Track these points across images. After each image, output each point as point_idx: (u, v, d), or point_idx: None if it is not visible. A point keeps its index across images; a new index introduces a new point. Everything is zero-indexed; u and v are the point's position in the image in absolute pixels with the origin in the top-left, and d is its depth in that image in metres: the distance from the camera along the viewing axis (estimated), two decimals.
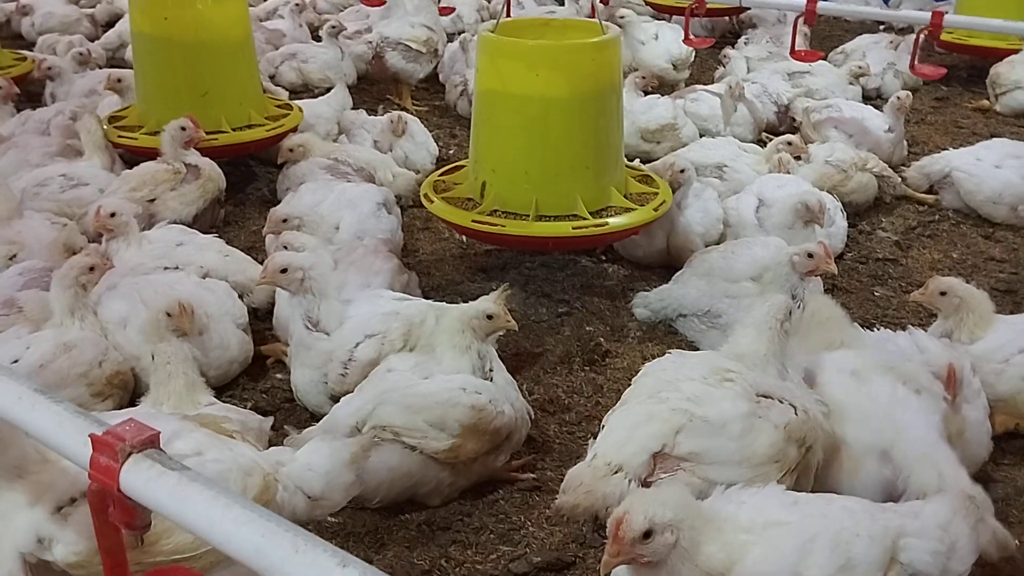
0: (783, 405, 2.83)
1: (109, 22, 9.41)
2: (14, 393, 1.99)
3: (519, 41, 4.43)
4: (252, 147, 5.88)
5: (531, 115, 4.37)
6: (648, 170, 5.02)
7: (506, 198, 4.48)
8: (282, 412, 3.75)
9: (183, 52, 5.56)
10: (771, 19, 9.19)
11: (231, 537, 1.62)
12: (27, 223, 4.56)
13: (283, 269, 3.58)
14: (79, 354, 3.49)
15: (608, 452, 2.77)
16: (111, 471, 1.75)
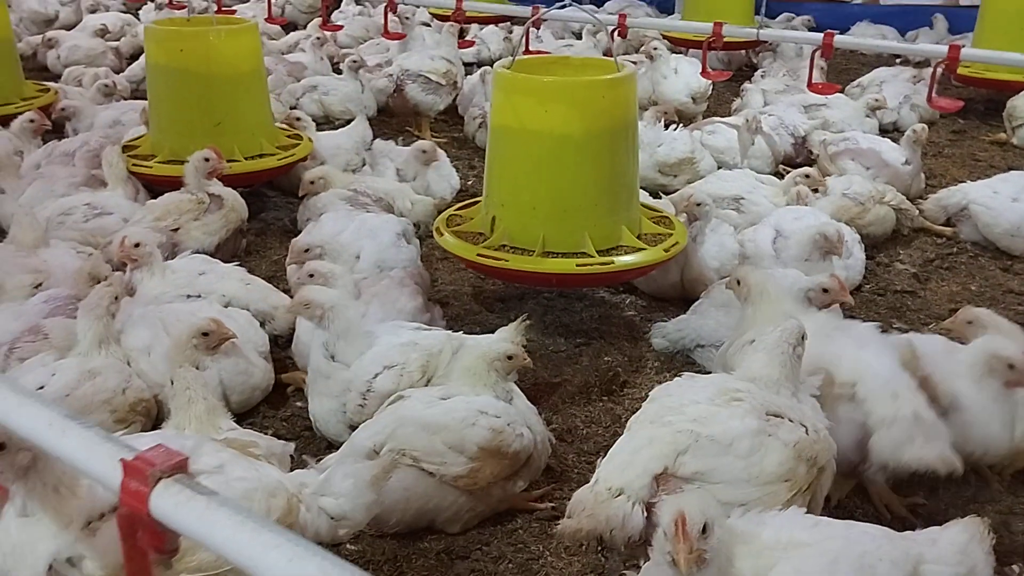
0: (793, 424, 2.84)
1: (133, 55, 9.55)
2: (45, 419, 2.02)
3: (532, 77, 4.46)
4: (264, 176, 5.97)
5: (541, 151, 4.37)
6: (666, 210, 4.97)
7: (514, 233, 4.49)
8: (302, 440, 3.78)
9: (197, 83, 5.67)
10: (789, 52, 9.26)
11: (259, 561, 1.64)
12: (52, 252, 4.62)
13: (306, 304, 3.65)
14: (103, 381, 3.53)
15: (610, 476, 2.78)
16: (141, 496, 1.78)
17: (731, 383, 2.98)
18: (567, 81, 4.48)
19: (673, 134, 6.53)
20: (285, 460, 3.22)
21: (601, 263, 4.34)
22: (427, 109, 7.67)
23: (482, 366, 3.32)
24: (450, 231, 4.66)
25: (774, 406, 2.88)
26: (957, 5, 10.99)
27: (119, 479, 1.83)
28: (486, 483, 3.18)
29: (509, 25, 10.73)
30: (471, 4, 8.44)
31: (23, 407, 2.08)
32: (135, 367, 3.75)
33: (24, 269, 4.41)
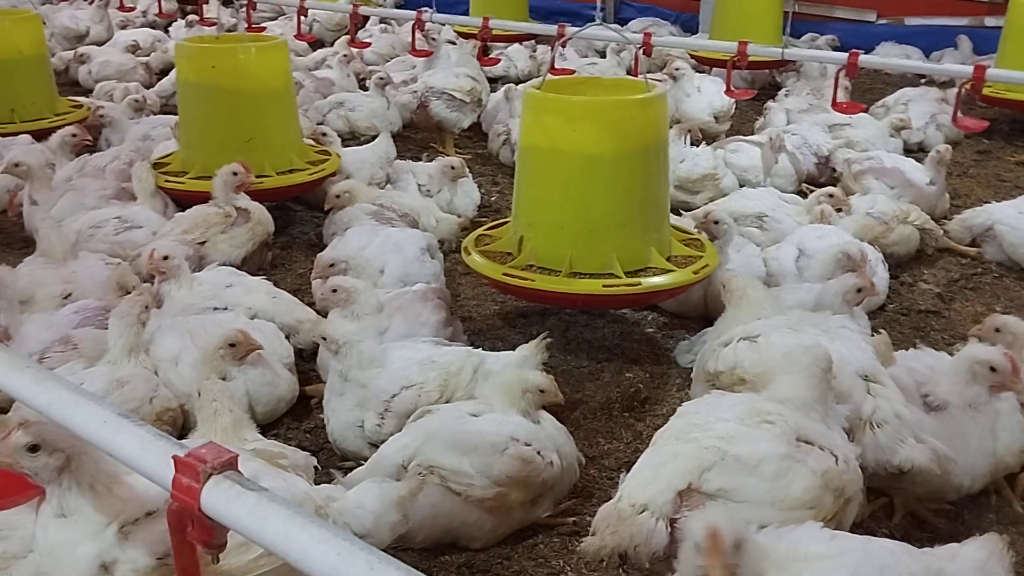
0: (823, 453, 2.81)
1: (163, 70, 9.71)
2: (99, 417, 2.09)
3: (561, 97, 4.46)
4: (295, 191, 6.04)
5: (570, 171, 4.37)
6: (698, 233, 4.95)
7: (541, 253, 4.49)
8: (325, 452, 3.81)
9: (228, 99, 5.75)
10: (813, 72, 9.26)
11: (307, 555, 1.68)
12: (82, 263, 4.71)
13: (323, 337, 3.69)
14: (131, 390, 3.59)
15: (633, 492, 2.78)
16: (192, 491, 1.83)
17: (762, 404, 2.96)
18: (597, 101, 4.48)
19: (695, 150, 6.56)
20: (309, 472, 3.26)
21: (628, 284, 4.32)
22: (451, 126, 7.74)
23: (517, 389, 3.33)
24: (478, 250, 4.68)
25: (805, 432, 2.85)
26: (982, 26, 10.95)
27: (171, 475, 1.89)
28: (512, 507, 3.19)
29: (534, 43, 10.81)
30: (497, 22, 8.50)
31: (79, 405, 2.14)
32: (163, 377, 3.80)
33: (54, 280, 4.50)
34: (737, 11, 9.24)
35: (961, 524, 3.43)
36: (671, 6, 12.64)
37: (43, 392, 2.24)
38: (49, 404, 2.21)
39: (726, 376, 3.56)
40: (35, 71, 7.26)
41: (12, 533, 2.61)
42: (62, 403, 2.19)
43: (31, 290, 4.38)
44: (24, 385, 2.28)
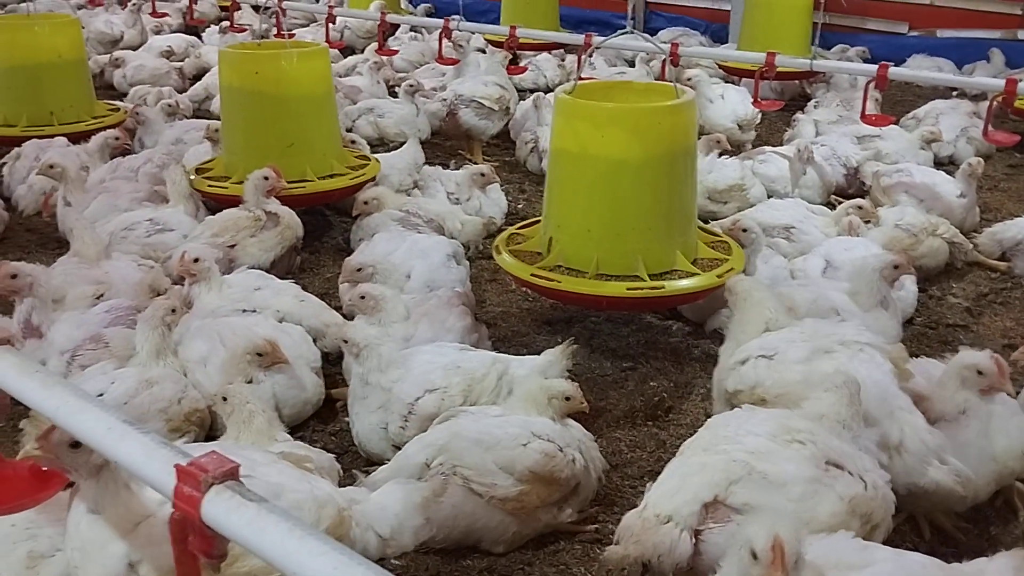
0: (852, 478, 2.79)
1: (196, 75, 9.82)
2: (104, 424, 2.10)
3: (590, 103, 4.53)
4: (336, 195, 6.08)
5: (597, 174, 4.44)
6: (726, 236, 4.97)
7: (569, 254, 4.56)
8: (350, 455, 3.84)
9: (272, 105, 5.80)
10: (843, 83, 9.22)
11: (305, 568, 1.68)
12: (114, 264, 4.77)
13: (344, 340, 3.75)
14: (160, 390, 3.64)
15: (659, 502, 2.78)
16: (193, 500, 1.84)
17: (794, 422, 2.93)
18: (625, 107, 4.54)
19: (723, 161, 6.55)
20: (333, 474, 3.29)
21: (652, 287, 4.37)
22: (479, 134, 7.77)
23: (542, 397, 3.36)
24: (508, 250, 4.74)
25: (836, 455, 2.82)
26: (1015, 39, 10.84)
27: (172, 484, 1.89)
28: (534, 507, 3.20)
29: (563, 52, 10.83)
30: (525, 31, 8.54)
31: (84, 411, 2.16)
32: (191, 378, 3.85)
33: (87, 280, 4.56)
34: (766, 22, 9.22)
35: (987, 539, 3.40)
36: (701, 16, 12.62)
37: (50, 397, 2.26)
38: (56, 409, 2.23)
39: (745, 395, 3.53)
40: (73, 75, 7.37)
41: (40, 531, 2.66)
42: (68, 408, 2.21)
43: (64, 289, 4.44)
44: (32, 390, 2.31)
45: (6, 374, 2.35)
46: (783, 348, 3.56)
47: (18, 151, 6.59)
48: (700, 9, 12.67)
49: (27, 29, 7.18)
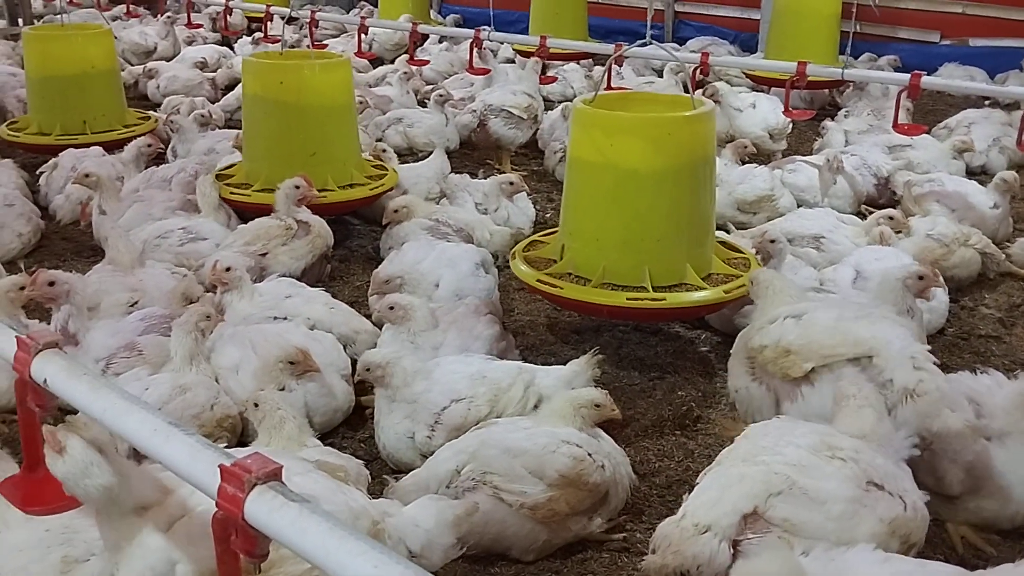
0: (892, 499, 2.77)
1: (228, 85, 9.94)
2: (150, 425, 2.15)
3: (599, 111, 4.56)
4: (356, 204, 6.14)
5: (607, 184, 4.48)
6: (748, 253, 4.95)
7: (578, 262, 4.60)
8: (379, 461, 3.86)
9: (296, 114, 5.86)
10: (875, 92, 9.17)
11: (345, 567, 1.71)
12: (148, 272, 4.84)
13: (367, 369, 3.76)
14: (193, 397, 3.69)
15: (697, 512, 2.77)
16: (237, 500, 1.87)
17: (836, 439, 2.91)
18: (632, 117, 4.56)
19: (752, 171, 6.54)
20: (362, 480, 3.32)
21: (653, 299, 4.37)
22: (508, 143, 7.81)
23: (568, 410, 3.37)
24: (524, 255, 4.79)
25: (877, 475, 2.80)
26: None
27: (217, 484, 1.93)
28: (564, 515, 3.21)
29: (591, 62, 10.85)
30: (555, 41, 8.57)
31: (131, 413, 2.21)
32: (223, 384, 3.90)
33: (121, 288, 4.63)
34: (795, 30, 9.21)
35: (1019, 552, 3.36)
36: (729, 25, 12.61)
37: (98, 400, 2.31)
38: (104, 411, 2.28)
39: (770, 350, 3.63)
40: (107, 85, 7.49)
41: (74, 536, 2.69)
42: (115, 410, 2.26)
43: (99, 297, 4.51)
44: (80, 392, 2.36)
45: (55, 376, 2.41)
46: (811, 310, 3.68)
47: (55, 161, 6.71)
48: (729, 18, 12.65)
49: (61, 40, 7.32)
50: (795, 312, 3.70)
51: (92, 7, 13.12)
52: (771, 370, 3.61)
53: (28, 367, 2.47)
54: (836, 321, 3.56)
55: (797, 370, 3.50)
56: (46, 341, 2.50)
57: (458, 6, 14.86)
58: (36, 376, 2.46)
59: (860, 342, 3.45)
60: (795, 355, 3.51)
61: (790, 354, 3.53)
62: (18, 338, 2.55)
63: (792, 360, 3.51)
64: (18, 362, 2.51)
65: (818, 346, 3.48)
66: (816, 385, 3.49)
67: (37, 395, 2.50)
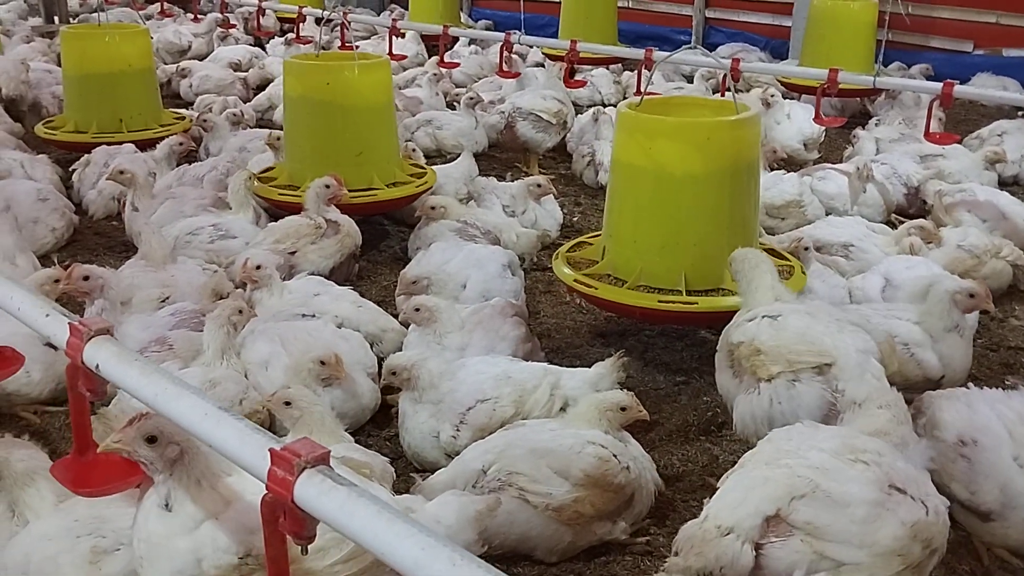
0: (914, 503, 2.74)
1: (260, 85, 10.03)
2: (201, 409, 2.19)
3: (639, 115, 4.60)
4: (403, 203, 6.17)
5: (645, 187, 4.52)
6: (793, 260, 4.91)
7: (617, 264, 4.65)
8: (404, 459, 3.89)
9: (343, 115, 5.92)
10: (907, 101, 9.12)
11: (393, 549, 1.75)
12: (179, 268, 4.90)
13: (393, 372, 3.78)
14: (223, 391, 3.73)
15: (720, 514, 2.77)
16: (287, 483, 1.91)
17: (859, 441, 2.90)
18: (671, 121, 4.58)
19: (781, 176, 6.52)
20: (387, 477, 3.33)
21: (685, 302, 4.38)
22: (536, 146, 7.83)
23: (594, 413, 3.38)
24: (566, 255, 4.86)
25: (900, 478, 2.79)
26: None
27: (267, 467, 1.96)
28: (589, 517, 3.22)
29: (620, 67, 10.85)
30: (585, 46, 8.58)
31: (182, 398, 2.25)
32: (252, 379, 3.94)
33: (153, 283, 4.69)
34: (828, 38, 9.17)
35: None
36: (761, 32, 12.57)
37: (149, 384, 2.36)
38: (155, 396, 2.33)
39: (745, 347, 3.68)
40: (142, 83, 7.60)
41: (104, 526, 2.74)
42: (167, 395, 2.30)
43: (131, 292, 4.57)
44: (132, 377, 2.40)
45: (107, 362, 2.45)
46: (787, 314, 3.71)
47: (88, 158, 6.81)
48: (760, 25, 12.61)
49: (99, 39, 7.42)
50: (772, 312, 3.74)
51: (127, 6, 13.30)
52: (744, 366, 3.67)
53: (80, 353, 2.52)
54: (807, 327, 3.61)
55: (764, 372, 3.57)
56: (98, 328, 2.55)
57: (489, 9, 14.92)
58: (88, 362, 2.50)
59: (824, 352, 3.52)
60: (764, 356, 3.58)
61: (760, 354, 3.60)
62: (71, 324, 2.60)
63: (761, 361, 3.58)
64: (71, 348, 2.56)
65: (787, 351, 3.54)
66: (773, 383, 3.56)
67: (89, 380, 2.54)
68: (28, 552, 2.71)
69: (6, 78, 8.26)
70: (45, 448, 3.12)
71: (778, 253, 5.00)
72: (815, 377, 3.48)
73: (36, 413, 4.18)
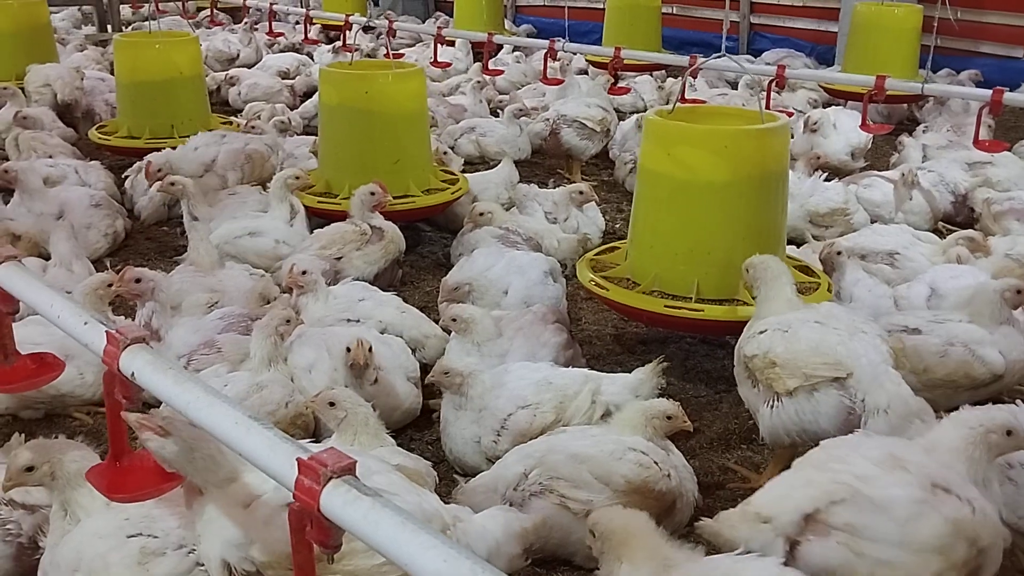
0: (960, 502, 2.73)
1: (307, 92, 10.17)
2: (232, 418, 2.24)
3: (665, 122, 4.62)
4: (439, 209, 6.25)
5: (661, 193, 4.56)
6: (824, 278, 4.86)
7: (635, 269, 4.72)
8: (446, 464, 3.93)
9: (380, 123, 6.00)
10: (956, 108, 9.00)
11: (415, 560, 1.77)
12: (227, 273, 4.99)
13: (445, 373, 3.81)
14: (269, 394, 3.80)
15: (761, 503, 2.84)
16: (313, 492, 1.94)
17: (904, 451, 2.89)
18: (692, 128, 4.59)
19: (826, 184, 6.48)
20: (430, 481, 3.37)
21: (690, 308, 4.39)
22: (580, 153, 7.86)
23: (639, 420, 3.40)
24: (593, 259, 4.94)
25: (943, 479, 2.78)
26: None
27: (294, 476, 2.00)
28: None
29: (663, 73, 10.84)
30: (629, 52, 8.59)
31: (214, 406, 2.31)
32: (297, 383, 3.99)
33: (202, 288, 4.78)
34: (873, 44, 9.09)
35: None
36: (806, 37, 12.48)
37: (183, 392, 2.41)
38: (187, 404, 2.38)
39: (759, 360, 3.67)
40: (193, 90, 7.76)
41: (154, 525, 2.79)
42: (199, 403, 2.36)
43: (181, 296, 4.67)
44: (165, 385, 2.46)
45: (142, 370, 2.51)
46: (797, 325, 3.69)
47: (140, 165, 6.95)
48: (805, 31, 12.52)
49: (151, 47, 7.59)
50: (782, 324, 3.72)
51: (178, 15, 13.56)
52: (759, 378, 3.67)
53: (117, 360, 2.58)
54: (820, 337, 3.59)
55: (781, 385, 3.56)
56: (134, 336, 2.60)
57: (532, 16, 14.98)
58: (124, 369, 2.56)
59: (839, 364, 3.51)
60: (780, 368, 3.58)
61: (775, 366, 3.59)
62: (108, 332, 2.65)
63: (777, 374, 3.57)
64: (107, 355, 2.61)
65: (803, 363, 3.53)
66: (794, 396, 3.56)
67: (124, 387, 2.60)
68: (80, 549, 2.77)
69: (62, 84, 8.48)
70: (97, 449, 3.20)
71: (807, 269, 4.96)
72: (833, 386, 3.50)
73: (89, 414, 4.29)
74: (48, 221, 5.81)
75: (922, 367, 4.02)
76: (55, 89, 8.45)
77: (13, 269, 3.13)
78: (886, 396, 3.43)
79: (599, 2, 12.03)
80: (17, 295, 3.03)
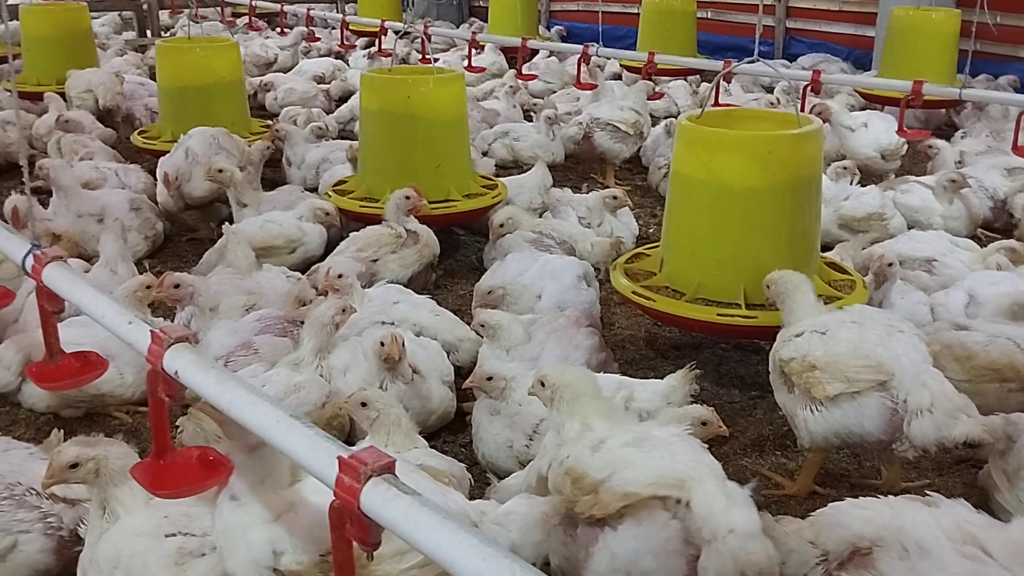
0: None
1: (342, 97, 10.27)
2: (274, 417, 2.29)
3: (698, 127, 4.61)
4: (479, 214, 6.26)
5: (702, 199, 4.53)
6: (856, 275, 4.87)
7: (675, 276, 4.67)
8: (479, 466, 3.95)
9: (422, 127, 6.05)
10: (995, 113, 8.90)
11: (455, 558, 1.80)
12: (264, 276, 5.06)
13: (488, 377, 3.83)
14: (307, 394, 3.84)
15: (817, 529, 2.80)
16: (353, 491, 1.97)
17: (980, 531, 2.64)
18: (730, 134, 4.58)
19: (861, 188, 6.43)
20: (464, 483, 3.41)
21: (744, 316, 4.36)
22: (613, 157, 7.86)
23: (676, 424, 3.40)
24: (624, 267, 4.88)
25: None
26: None
27: (335, 474, 2.04)
28: None
29: (698, 78, 10.81)
30: (663, 57, 8.59)
31: (256, 405, 2.35)
32: (332, 384, 4.04)
33: (239, 290, 4.84)
34: (908, 48, 9.00)
35: None
36: (842, 42, 12.37)
37: (225, 391, 2.46)
38: (230, 403, 2.43)
39: (797, 363, 3.64)
40: (233, 94, 7.86)
41: (192, 524, 2.83)
42: (241, 402, 2.40)
43: (219, 298, 4.74)
44: (208, 384, 2.51)
45: (185, 368, 2.56)
46: (834, 327, 3.67)
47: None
48: (842, 35, 12.42)
49: (192, 52, 7.69)
50: (819, 326, 3.70)
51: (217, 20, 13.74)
52: (796, 383, 3.64)
53: (161, 359, 2.63)
54: (859, 339, 3.57)
55: (820, 391, 3.51)
56: (177, 335, 2.66)
57: (566, 21, 15.00)
58: (168, 368, 2.61)
59: (881, 367, 3.48)
60: (820, 372, 3.53)
61: (815, 369, 3.55)
62: (152, 332, 2.71)
63: (817, 377, 3.53)
64: (151, 354, 2.67)
65: (844, 366, 3.50)
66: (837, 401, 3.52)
67: (168, 386, 2.65)
68: (119, 547, 2.80)
69: (103, 89, 8.64)
70: (136, 447, 3.26)
71: (840, 267, 4.95)
72: (875, 388, 3.47)
73: (128, 413, 4.37)
74: (88, 222, 5.92)
75: (966, 355, 4.01)
76: (97, 95, 8.61)
77: (59, 269, 3.20)
78: (929, 395, 3.42)
79: (633, 7, 12.01)
80: (63, 295, 3.10)
